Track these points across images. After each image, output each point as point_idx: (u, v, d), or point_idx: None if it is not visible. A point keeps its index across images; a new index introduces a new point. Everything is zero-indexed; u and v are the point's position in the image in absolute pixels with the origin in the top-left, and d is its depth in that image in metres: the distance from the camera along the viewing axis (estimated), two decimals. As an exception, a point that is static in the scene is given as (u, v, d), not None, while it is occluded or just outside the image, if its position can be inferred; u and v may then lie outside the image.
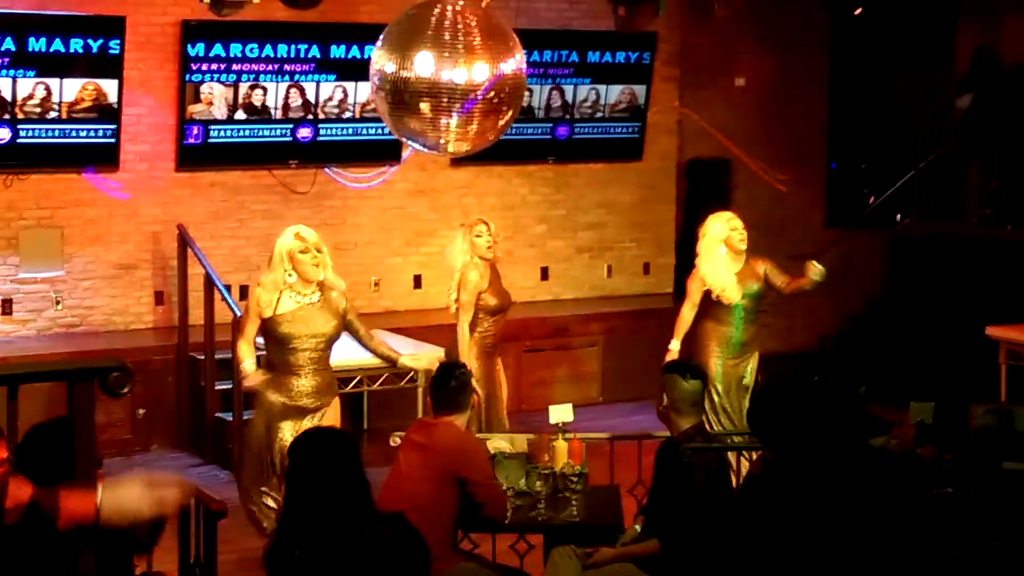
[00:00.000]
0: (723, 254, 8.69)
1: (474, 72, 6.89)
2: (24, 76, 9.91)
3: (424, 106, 6.93)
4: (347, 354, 9.59)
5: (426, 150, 7.47)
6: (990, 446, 6.33)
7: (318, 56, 10.88)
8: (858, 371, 12.72)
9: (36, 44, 9.87)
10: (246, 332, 7.44)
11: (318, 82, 10.98)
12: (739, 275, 8.70)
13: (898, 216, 13.70)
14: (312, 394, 7.36)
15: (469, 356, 8.47)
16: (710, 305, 8.69)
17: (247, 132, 10.85)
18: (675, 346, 8.64)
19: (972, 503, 5.67)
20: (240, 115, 10.77)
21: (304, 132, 11.05)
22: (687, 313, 8.70)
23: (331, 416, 7.48)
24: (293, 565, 4.52)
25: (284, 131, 10.98)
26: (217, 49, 10.52)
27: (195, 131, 10.66)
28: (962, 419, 6.64)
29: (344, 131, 11.21)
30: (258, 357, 7.59)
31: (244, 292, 10.35)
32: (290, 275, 7.27)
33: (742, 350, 8.74)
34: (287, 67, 10.82)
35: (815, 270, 8.82)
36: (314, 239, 7.32)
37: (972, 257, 12.64)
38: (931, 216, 13.13)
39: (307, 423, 7.31)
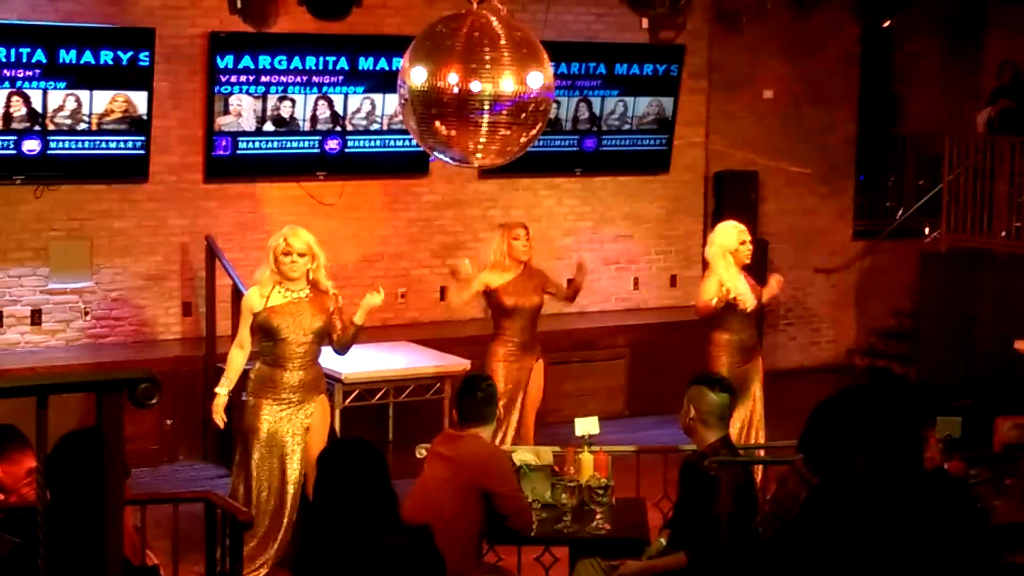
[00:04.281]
0: (729, 264, 8.82)
1: (501, 85, 6.90)
2: (55, 88, 9.97)
3: (451, 118, 6.95)
4: (373, 365, 9.65)
5: (453, 162, 7.49)
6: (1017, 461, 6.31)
7: (346, 68, 10.92)
8: (885, 384, 12.72)
9: (66, 56, 9.93)
10: (240, 333, 7.73)
11: (346, 94, 11.01)
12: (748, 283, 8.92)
13: (926, 229, 13.66)
14: (298, 388, 7.54)
15: (490, 365, 8.58)
16: (719, 312, 8.77)
17: (275, 144, 10.88)
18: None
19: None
20: (268, 127, 10.80)
21: (332, 144, 11.08)
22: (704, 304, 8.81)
23: (318, 413, 7.65)
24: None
25: (312, 143, 11.01)
26: (246, 61, 10.57)
27: (223, 143, 10.70)
28: (989, 433, 6.62)
29: (372, 143, 11.24)
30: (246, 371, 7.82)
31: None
32: (275, 273, 7.58)
33: (749, 355, 8.94)
34: (315, 79, 10.85)
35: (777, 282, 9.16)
36: (299, 245, 7.54)
37: (1001, 271, 12.59)
38: (959, 230, 13.07)
39: (291, 417, 7.47)
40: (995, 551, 4.75)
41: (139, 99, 10.24)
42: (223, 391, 7.70)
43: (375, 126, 11.19)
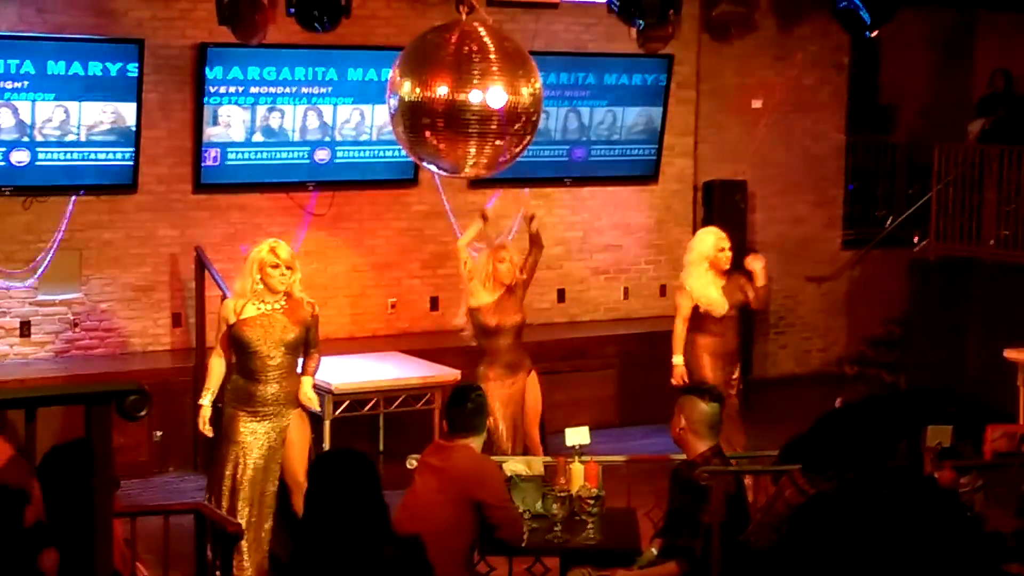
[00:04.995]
0: (707, 269, 8.88)
1: (490, 95, 6.91)
2: (43, 99, 9.96)
3: (441, 129, 6.95)
4: (363, 375, 9.63)
5: (443, 172, 7.49)
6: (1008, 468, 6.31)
7: (336, 79, 10.92)
8: (874, 390, 12.74)
9: (55, 67, 9.92)
10: (217, 344, 7.75)
11: (335, 104, 11.01)
12: (725, 288, 8.95)
13: (915, 238, 13.68)
14: (273, 401, 7.52)
15: (483, 381, 8.54)
16: (697, 318, 8.93)
17: (265, 154, 10.88)
18: (679, 360, 9.04)
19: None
20: (258, 137, 10.80)
21: (322, 154, 11.07)
22: (680, 327, 9.07)
23: (296, 426, 7.63)
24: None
25: (302, 153, 11.01)
26: (235, 72, 10.56)
27: (213, 153, 10.69)
28: (979, 442, 6.62)
29: (361, 153, 11.24)
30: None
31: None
32: (258, 284, 7.54)
33: (730, 359, 9.06)
34: (305, 90, 10.86)
35: (756, 261, 9.09)
36: (287, 257, 7.57)
37: (990, 279, 12.61)
38: (948, 238, 13.10)
39: (267, 429, 7.46)
40: (989, 561, 4.74)
41: (128, 110, 10.23)
42: (206, 402, 7.71)
43: (364, 136, 11.19)
